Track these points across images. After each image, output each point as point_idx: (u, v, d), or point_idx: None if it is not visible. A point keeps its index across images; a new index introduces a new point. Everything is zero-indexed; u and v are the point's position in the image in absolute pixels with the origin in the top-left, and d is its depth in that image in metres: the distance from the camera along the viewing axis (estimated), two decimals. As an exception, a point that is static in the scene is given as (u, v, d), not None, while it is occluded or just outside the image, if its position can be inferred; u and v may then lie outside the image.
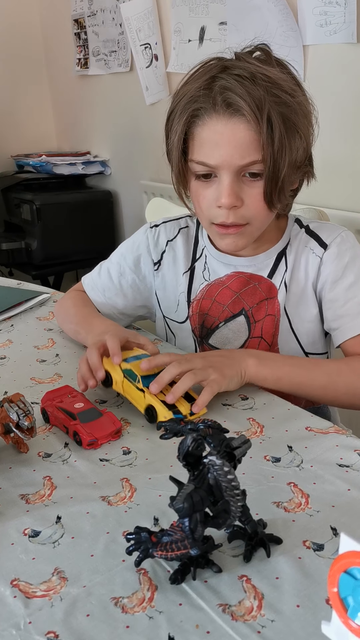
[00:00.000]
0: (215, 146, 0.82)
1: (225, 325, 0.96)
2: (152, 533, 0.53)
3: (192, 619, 0.49)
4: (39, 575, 0.54)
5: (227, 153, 0.81)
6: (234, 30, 1.66)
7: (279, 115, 0.79)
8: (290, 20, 1.46)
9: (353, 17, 1.31)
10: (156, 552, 0.52)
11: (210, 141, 0.83)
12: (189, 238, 1.02)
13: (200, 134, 0.84)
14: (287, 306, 0.94)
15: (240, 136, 0.80)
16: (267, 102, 0.79)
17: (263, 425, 0.77)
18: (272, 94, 0.79)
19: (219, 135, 0.81)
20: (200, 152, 0.84)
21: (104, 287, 1.06)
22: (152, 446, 0.74)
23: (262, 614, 0.49)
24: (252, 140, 0.80)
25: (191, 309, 0.99)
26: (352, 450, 0.70)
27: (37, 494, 0.66)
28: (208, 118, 0.82)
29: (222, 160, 0.82)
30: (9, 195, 2.50)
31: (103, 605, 0.51)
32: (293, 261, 0.94)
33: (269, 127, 0.79)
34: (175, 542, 0.51)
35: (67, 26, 2.57)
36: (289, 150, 0.81)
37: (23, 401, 0.72)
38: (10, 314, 1.23)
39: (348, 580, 0.40)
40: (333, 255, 0.91)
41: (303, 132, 0.82)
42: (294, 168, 0.84)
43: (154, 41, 2.03)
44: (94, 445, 0.74)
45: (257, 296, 0.94)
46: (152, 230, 1.04)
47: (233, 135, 0.81)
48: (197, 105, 0.82)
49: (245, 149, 0.81)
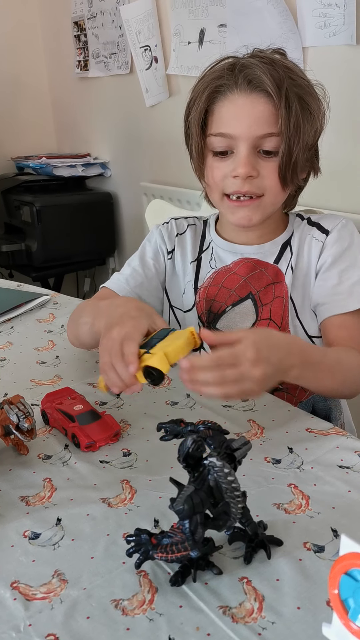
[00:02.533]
0: (234, 118, 0.87)
1: (233, 309, 0.98)
2: (152, 535, 0.53)
3: (192, 621, 0.49)
4: (39, 578, 0.54)
5: (246, 124, 0.86)
6: (233, 32, 1.66)
7: (295, 95, 0.85)
8: (289, 22, 1.46)
9: (352, 19, 1.31)
10: (156, 553, 0.52)
11: (230, 113, 0.88)
12: (196, 233, 1.05)
13: (221, 108, 0.89)
14: (292, 291, 0.96)
15: (260, 109, 0.85)
16: (285, 81, 0.84)
17: (263, 426, 0.77)
18: (289, 77, 0.85)
19: (240, 107, 0.87)
20: (220, 124, 0.89)
21: (127, 277, 1.03)
22: (152, 448, 0.74)
23: (262, 616, 0.49)
24: (271, 114, 0.85)
25: (198, 295, 1.01)
26: (353, 452, 0.70)
27: (37, 495, 0.66)
28: (230, 93, 0.87)
29: (240, 130, 0.86)
30: (9, 197, 2.50)
31: (103, 607, 0.51)
32: (297, 248, 0.96)
33: (286, 104, 0.84)
34: (175, 544, 0.51)
35: (67, 28, 2.57)
36: (303, 129, 0.86)
37: (23, 403, 0.72)
38: (10, 315, 1.23)
39: (349, 582, 0.40)
40: (334, 239, 0.94)
41: (315, 114, 0.87)
42: (306, 150, 0.88)
43: (153, 43, 2.03)
44: (92, 448, 0.74)
45: (263, 280, 0.97)
46: (164, 225, 1.07)
47: (253, 107, 0.86)
48: (219, 82, 0.88)
49: (264, 121, 0.85)
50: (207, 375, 0.64)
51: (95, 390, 0.89)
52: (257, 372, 0.65)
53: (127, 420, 0.81)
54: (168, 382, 0.91)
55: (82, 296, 2.67)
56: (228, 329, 0.98)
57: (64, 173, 2.50)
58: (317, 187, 1.01)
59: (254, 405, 0.83)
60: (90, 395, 0.85)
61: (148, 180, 2.29)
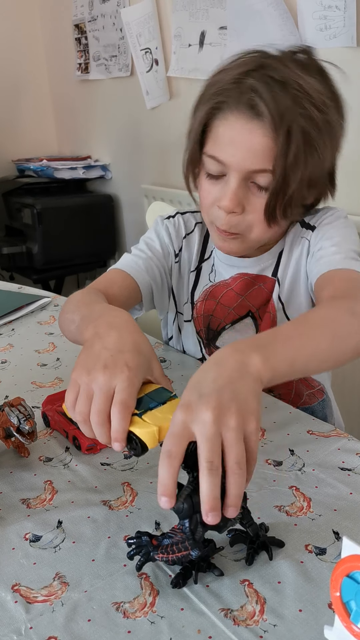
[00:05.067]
0: (230, 143, 0.81)
1: (232, 327, 0.96)
2: (152, 537, 0.53)
3: (193, 623, 0.49)
4: (40, 580, 0.54)
5: (240, 154, 0.80)
6: (234, 34, 1.67)
7: (300, 129, 0.77)
8: (290, 24, 1.46)
9: (352, 21, 1.31)
10: (157, 554, 0.52)
11: (226, 137, 0.81)
12: (201, 236, 1.01)
13: (218, 127, 0.82)
14: (282, 298, 0.93)
15: (256, 141, 0.79)
16: (290, 113, 0.76)
17: (264, 429, 0.77)
18: (300, 104, 0.77)
19: (236, 133, 0.80)
20: (214, 146, 0.83)
21: (136, 257, 0.97)
22: (153, 450, 0.74)
23: (264, 618, 0.49)
24: (267, 148, 0.78)
25: (195, 310, 0.99)
26: (354, 454, 0.70)
27: (38, 498, 0.66)
28: (229, 114, 0.80)
29: (234, 160, 0.81)
30: (10, 199, 2.50)
31: (104, 610, 0.50)
32: (288, 253, 0.93)
33: (287, 138, 0.77)
34: (175, 544, 0.51)
35: (67, 31, 2.58)
36: (304, 167, 0.79)
37: (24, 405, 0.72)
38: (11, 318, 1.23)
39: (350, 584, 0.39)
40: (318, 231, 0.90)
41: (322, 151, 0.80)
42: (307, 186, 0.82)
43: (154, 46, 2.03)
44: (93, 450, 0.74)
45: (262, 297, 0.94)
46: (170, 221, 1.01)
47: (250, 137, 0.79)
48: (221, 98, 0.81)
49: (259, 155, 0.79)
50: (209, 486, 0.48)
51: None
52: (207, 415, 0.49)
53: (128, 423, 0.80)
54: (169, 384, 0.91)
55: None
56: None
57: (64, 175, 2.50)
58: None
59: (255, 407, 0.83)
60: (91, 398, 0.85)
61: (149, 182, 2.29)
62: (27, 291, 1.41)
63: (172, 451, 0.49)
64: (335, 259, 0.83)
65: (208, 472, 0.48)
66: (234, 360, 0.55)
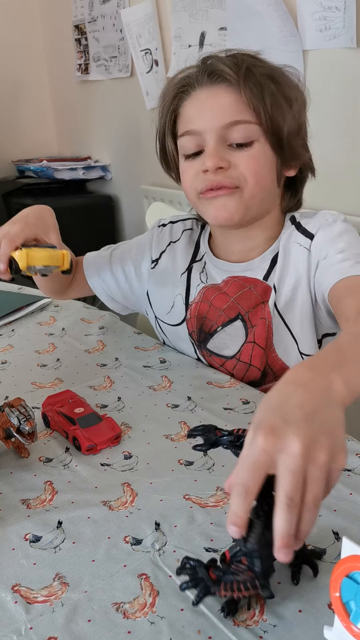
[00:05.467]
0: (198, 113, 0.85)
1: (223, 329, 0.95)
2: (208, 567, 0.50)
3: (193, 624, 0.49)
4: (40, 581, 0.54)
5: (208, 116, 0.83)
6: (234, 35, 1.67)
7: (265, 76, 0.82)
8: (289, 25, 1.46)
9: (352, 22, 1.31)
10: (219, 592, 0.48)
11: (194, 110, 0.86)
12: (190, 241, 1.02)
13: (186, 107, 0.87)
14: (279, 306, 0.91)
15: (221, 98, 0.83)
16: (245, 64, 0.81)
17: (264, 429, 0.77)
18: (254, 64, 0.83)
19: (202, 102, 0.85)
20: (187, 124, 0.87)
21: (102, 261, 1.06)
22: (153, 450, 0.74)
23: (264, 619, 0.49)
24: (234, 101, 0.82)
25: (189, 311, 0.99)
26: (354, 454, 0.70)
27: (38, 498, 0.66)
28: (193, 91, 0.86)
29: (204, 124, 0.84)
30: (10, 200, 2.50)
31: (104, 610, 0.50)
32: (283, 261, 0.91)
33: (255, 85, 0.81)
34: (243, 583, 0.47)
35: (67, 32, 2.58)
36: (286, 107, 0.82)
37: (24, 406, 0.72)
38: (11, 318, 1.23)
39: (350, 584, 0.40)
40: (319, 239, 0.88)
41: (293, 102, 0.83)
42: (294, 134, 0.85)
43: (154, 47, 2.03)
44: (92, 451, 0.74)
45: (252, 299, 0.93)
46: (159, 229, 1.05)
47: (215, 99, 0.83)
48: (184, 82, 0.87)
49: (227, 109, 0.82)
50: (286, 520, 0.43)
51: (96, 393, 0.89)
52: (295, 447, 0.43)
53: (128, 423, 0.80)
54: (169, 385, 0.91)
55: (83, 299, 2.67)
56: (218, 350, 0.95)
57: (64, 176, 2.50)
58: (316, 189, 1.01)
59: (255, 407, 0.83)
60: (91, 398, 0.85)
61: (149, 183, 2.29)
62: (27, 292, 1.41)
63: (249, 487, 0.43)
64: (344, 266, 0.81)
65: (287, 508, 0.42)
66: (317, 385, 0.49)
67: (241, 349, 0.93)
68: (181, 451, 0.73)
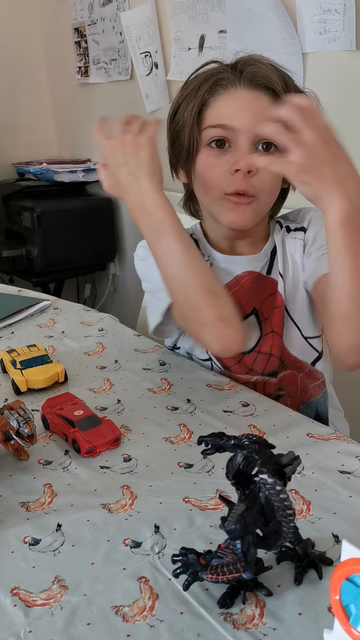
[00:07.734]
0: (236, 111, 0.85)
1: None
2: (199, 554, 0.51)
3: (193, 627, 0.49)
4: (39, 584, 0.54)
5: (248, 117, 0.84)
6: (233, 38, 1.67)
7: (295, 88, 0.86)
8: (289, 28, 1.47)
9: (352, 25, 1.32)
10: (205, 575, 0.50)
11: (231, 106, 0.86)
12: None
13: (221, 102, 0.87)
14: (284, 295, 0.95)
15: (263, 104, 0.84)
16: (283, 76, 0.86)
17: (264, 431, 0.77)
18: (288, 75, 0.87)
19: (242, 101, 0.85)
20: (219, 116, 0.86)
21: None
22: (153, 453, 0.74)
23: (263, 622, 0.49)
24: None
25: None
26: (354, 457, 0.70)
27: (37, 501, 0.66)
28: (232, 88, 0.86)
29: (241, 123, 0.84)
30: (10, 202, 2.50)
31: (104, 613, 0.50)
32: (282, 253, 0.95)
33: None
34: (226, 565, 0.49)
35: (67, 34, 2.58)
36: None
37: (23, 408, 0.72)
38: (10, 321, 1.23)
39: (350, 587, 0.39)
40: (311, 231, 0.93)
41: None
42: None
43: (154, 49, 2.04)
44: (92, 453, 0.74)
45: (262, 293, 0.95)
46: (139, 256, 1.00)
47: (256, 102, 0.84)
48: (221, 76, 0.86)
49: (266, 117, 0.82)
50: None
51: (95, 396, 0.89)
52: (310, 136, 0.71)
53: (128, 426, 0.80)
54: (169, 387, 0.91)
55: (83, 301, 2.67)
56: None
57: (64, 179, 2.50)
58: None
59: (254, 410, 0.83)
60: (90, 401, 0.85)
61: (148, 185, 2.30)
62: (27, 294, 1.41)
63: None
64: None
65: None
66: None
67: (260, 341, 0.94)
68: (181, 454, 0.73)
